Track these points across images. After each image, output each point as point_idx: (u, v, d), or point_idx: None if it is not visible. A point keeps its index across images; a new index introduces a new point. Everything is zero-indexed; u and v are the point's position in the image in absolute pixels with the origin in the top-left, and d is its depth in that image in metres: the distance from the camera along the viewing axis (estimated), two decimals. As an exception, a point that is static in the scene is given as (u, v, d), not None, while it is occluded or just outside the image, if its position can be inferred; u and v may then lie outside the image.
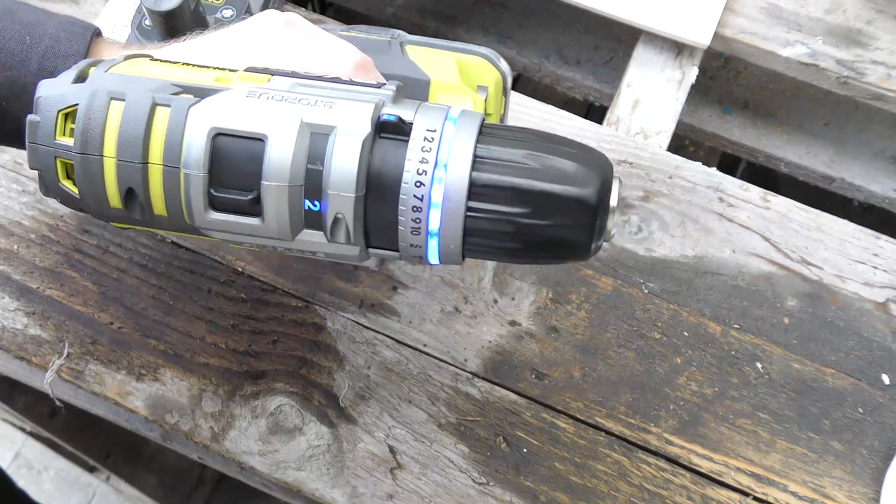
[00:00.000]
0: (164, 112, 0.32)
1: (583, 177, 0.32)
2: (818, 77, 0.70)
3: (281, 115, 0.32)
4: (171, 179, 0.32)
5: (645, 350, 0.55)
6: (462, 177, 0.31)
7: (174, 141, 0.32)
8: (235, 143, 0.32)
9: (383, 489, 0.52)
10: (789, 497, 0.52)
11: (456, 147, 0.32)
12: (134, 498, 1.33)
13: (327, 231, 0.33)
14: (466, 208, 0.32)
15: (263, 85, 0.33)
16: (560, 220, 0.32)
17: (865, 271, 0.58)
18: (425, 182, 0.32)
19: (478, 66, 0.47)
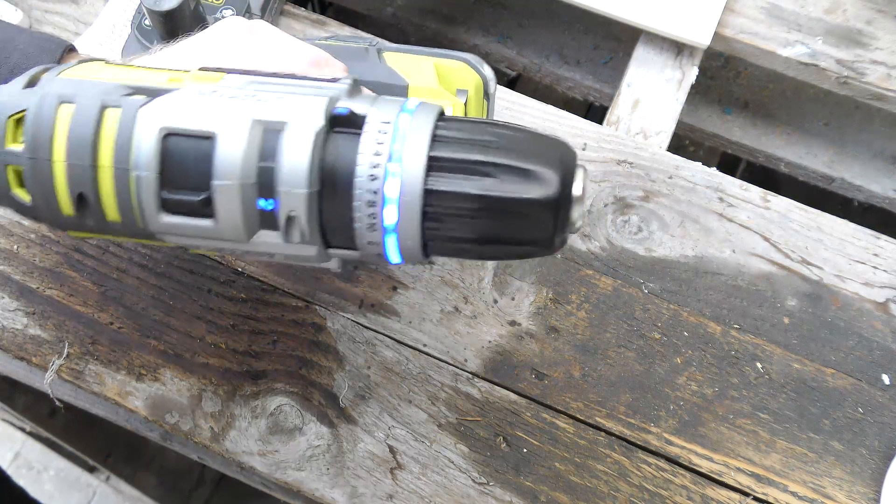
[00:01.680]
0: (114, 113, 0.32)
1: (543, 169, 0.31)
2: (818, 77, 0.70)
3: (231, 113, 0.31)
4: (121, 182, 0.32)
5: (645, 350, 0.55)
6: (417, 170, 0.30)
7: (124, 142, 0.31)
8: (185, 142, 0.31)
9: (383, 489, 0.52)
10: (789, 497, 0.52)
11: (410, 139, 0.30)
12: (134, 498, 1.33)
13: (282, 231, 0.32)
14: (423, 203, 0.31)
15: (215, 84, 0.32)
16: (520, 215, 0.31)
17: (865, 271, 0.58)
18: (379, 175, 0.30)
19: (457, 69, 0.46)
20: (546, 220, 0.31)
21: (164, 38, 0.50)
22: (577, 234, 0.34)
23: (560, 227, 0.32)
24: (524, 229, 0.31)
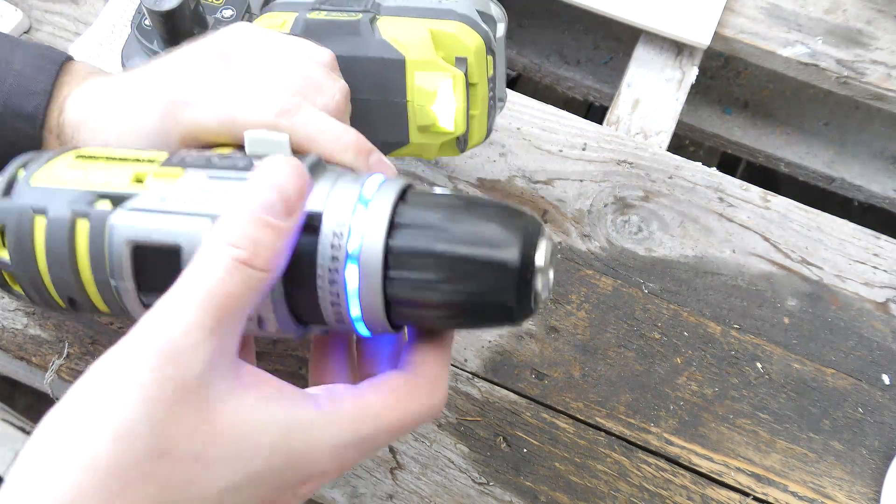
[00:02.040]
0: (83, 225, 0.34)
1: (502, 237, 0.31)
2: (818, 77, 0.70)
3: (191, 226, 0.32)
4: (105, 288, 0.34)
5: (645, 350, 0.55)
6: (375, 264, 0.31)
7: (98, 255, 0.33)
8: (155, 252, 0.32)
9: (383, 489, 0.52)
10: (789, 497, 0.52)
11: (368, 239, 0.31)
12: (134, 498, 1.33)
13: (256, 325, 0.33)
14: (384, 295, 0.31)
15: (175, 185, 0.33)
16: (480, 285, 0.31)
17: (865, 271, 0.58)
18: (337, 279, 0.31)
19: (455, 34, 0.45)
20: (506, 291, 0.31)
21: (164, 38, 0.50)
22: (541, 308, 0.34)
23: (523, 298, 0.32)
24: (486, 303, 0.32)
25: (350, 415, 0.30)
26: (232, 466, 0.27)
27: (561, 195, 0.60)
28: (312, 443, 0.29)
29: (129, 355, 0.26)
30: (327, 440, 0.29)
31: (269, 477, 0.28)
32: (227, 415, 0.27)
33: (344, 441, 0.30)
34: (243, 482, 0.28)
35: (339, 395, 0.31)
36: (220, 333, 0.28)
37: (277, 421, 0.28)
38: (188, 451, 0.26)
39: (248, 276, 0.28)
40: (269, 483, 0.28)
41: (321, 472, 0.30)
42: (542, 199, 0.60)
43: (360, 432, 0.30)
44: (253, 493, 0.28)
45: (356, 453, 0.30)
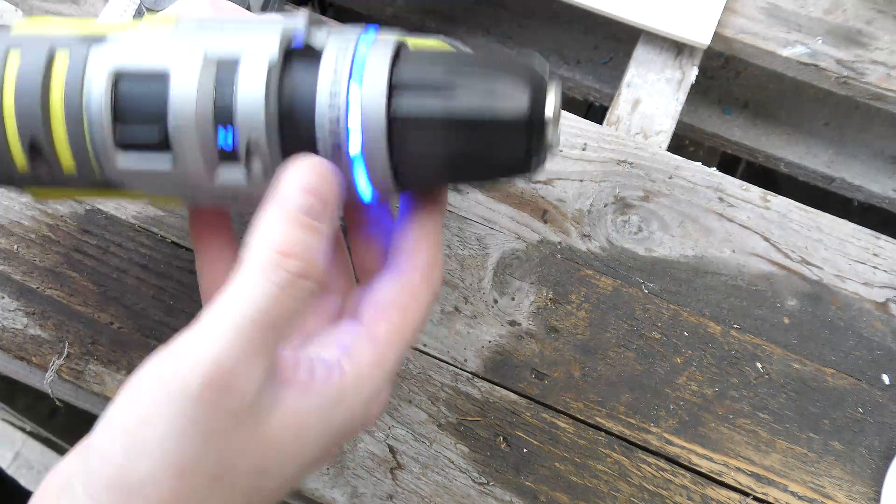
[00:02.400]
0: (63, 55, 0.31)
1: (510, 89, 0.29)
2: (818, 77, 0.70)
3: (183, 50, 0.30)
4: (74, 125, 0.31)
5: (645, 350, 0.55)
6: (378, 95, 0.29)
7: (75, 84, 0.30)
8: (139, 82, 0.30)
9: (383, 489, 0.52)
10: (789, 497, 0.52)
11: (370, 64, 0.29)
12: (134, 498, 1.33)
13: (243, 164, 0.30)
14: (387, 127, 0.29)
15: (169, 26, 0.31)
16: (490, 139, 0.30)
17: (865, 271, 0.58)
18: (339, 104, 0.29)
19: None
20: (519, 136, 0.30)
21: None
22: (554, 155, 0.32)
23: (536, 147, 0.30)
24: (496, 148, 0.30)
25: (372, 364, 0.30)
26: (288, 464, 0.28)
27: (561, 195, 0.60)
28: (350, 410, 0.30)
29: (180, 385, 0.26)
30: (362, 399, 0.30)
31: (323, 453, 0.30)
32: (276, 424, 0.27)
33: (375, 389, 0.30)
34: (299, 472, 0.29)
35: (355, 349, 0.30)
36: (269, 353, 0.27)
37: (315, 408, 0.28)
38: (244, 466, 0.27)
39: (302, 289, 0.27)
40: (323, 457, 0.31)
41: (369, 421, 0.32)
42: (542, 199, 0.60)
43: (387, 372, 0.31)
44: (308, 472, 0.31)
45: (390, 386, 0.32)
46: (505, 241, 0.58)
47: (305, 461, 0.29)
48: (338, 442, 0.31)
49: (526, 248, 0.58)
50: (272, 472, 0.28)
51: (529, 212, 0.59)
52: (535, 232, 0.58)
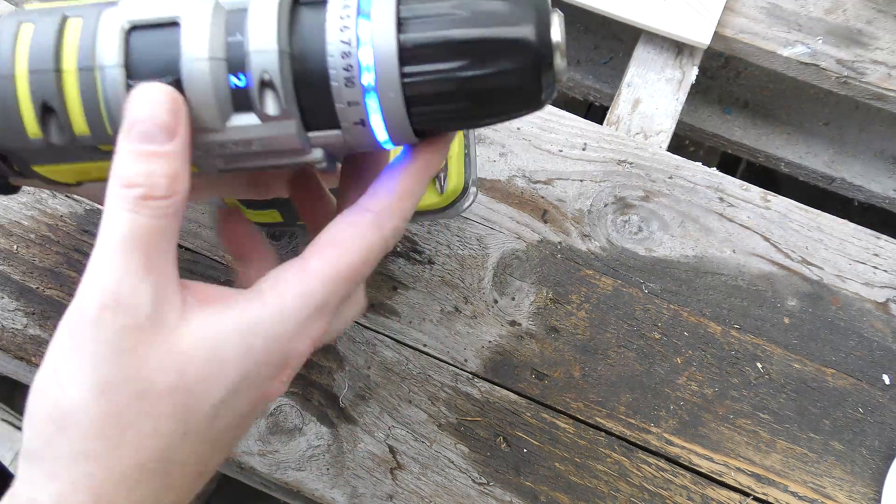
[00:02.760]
0: (76, 22, 0.31)
1: (516, 14, 0.30)
2: (818, 77, 0.70)
3: (190, 2, 0.30)
4: (87, 82, 0.31)
5: (645, 350, 0.55)
6: (388, 29, 0.30)
7: (88, 41, 0.31)
8: (151, 33, 0.30)
9: (383, 489, 0.52)
10: (789, 497, 0.51)
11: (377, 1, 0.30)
12: (134, 498, 1.33)
13: (257, 102, 0.30)
14: (400, 65, 0.30)
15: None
16: (501, 66, 0.30)
17: (865, 271, 0.58)
18: (350, 40, 0.30)
19: None
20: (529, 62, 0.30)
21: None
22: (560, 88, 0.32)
23: (546, 73, 0.31)
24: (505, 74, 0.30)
25: (297, 294, 0.30)
26: (210, 386, 0.29)
27: (561, 195, 0.60)
28: (271, 337, 0.30)
29: (81, 315, 0.28)
30: (285, 328, 0.30)
31: (248, 380, 0.30)
32: (188, 340, 0.29)
33: (300, 321, 0.30)
34: (227, 395, 0.29)
35: (281, 279, 0.31)
36: (153, 268, 0.29)
37: (232, 330, 0.30)
38: (165, 384, 0.28)
39: (154, 208, 0.29)
40: (250, 385, 0.30)
41: (296, 354, 0.31)
42: (542, 199, 0.60)
43: (313, 304, 0.30)
44: (241, 399, 0.30)
45: (320, 321, 0.31)
46: (505, 241, 0.58)
47: (229, 385, 0.29)
48: (263, 373, 0.30)
49: (526, 248, 0.58)
50: (197, 394, 0.29)
51: (529, 212, 0.59)
52: (535, 232, 0.58)
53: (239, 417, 0.31)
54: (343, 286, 0.31)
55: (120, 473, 0.28)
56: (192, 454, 0.29)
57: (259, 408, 0.32)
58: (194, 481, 0.30)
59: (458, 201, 0.51)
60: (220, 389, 0.29)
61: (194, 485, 0.30)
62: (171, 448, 0.29)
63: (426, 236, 0.58)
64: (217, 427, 0.30)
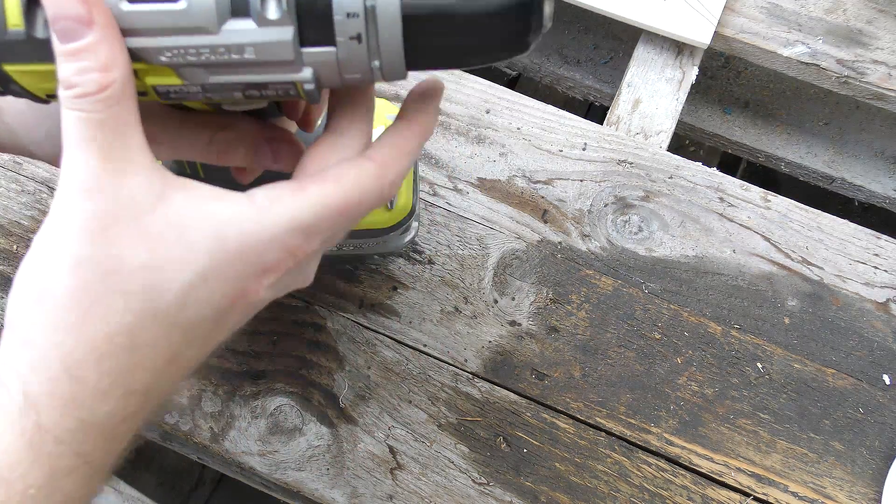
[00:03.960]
0: None
1: None
2: (818, 77, 0.70)
3: None
4: None
5: (645, 350, 0.55)
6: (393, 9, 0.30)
7: None
8: None
9: (383, 489, 0.52)
10: (790, 497, 0.51)
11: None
12: (133, 498, 1.33)
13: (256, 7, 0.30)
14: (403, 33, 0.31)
15: None
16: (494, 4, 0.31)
17: (866, 271, 0.58)
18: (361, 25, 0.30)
19: (384, 100, 0.48)
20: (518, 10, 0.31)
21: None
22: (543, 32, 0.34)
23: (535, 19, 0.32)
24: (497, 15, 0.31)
25: (287, 204, 0.31)
26: (179, 267, 0.30)
27: (561, 195, 0.60)
28: (248, 234, 0.30)
29: (55, 207, 0.30)
30: (264, 231, 0.31)
31: (220, 272, 0.30)
32: (160, 222, 0.30)
33: (280, 232, 0.31)
34: (196, 280, 0.30)
35: (277, 191, 0.31)
36: (112, 157, 0.30)
37: (208, 218, 0.30)
38: (134, 262, 0.29)
39: (97, 100, 0.30)
40: (223, 277, 0.30)
41: (274, 261, 0.31)
42: (542, 198, 0.59)
43: (298, 223, 0.31)
44: (212, 289, 0.30)
45: (301, 241, 0.31)
46: (505, 241, 0.58)
47: (198, 269, 0.30)
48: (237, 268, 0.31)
49: (526, 248, 0.58)
50: (165, 273, 0.30)
51: (529, 212, 0.59)
52: (535, 232, 0.58)
53: (213, 310, 0.31)
54: (333, 220, 0.32)
55: (88, 344, 0.29)
56: (162, 337, 0.30)
57: (239, 308, 0.32)
58: (165, 366, 0.31)
59: (402, 225, 0.51)
60: (188, 272, 0.30)
61: (166, 371, 0.31)
62: (139, 326, 0.29)
63: (426, 236, 0.58)
64: (188, 314, 0.30)
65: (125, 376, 0.30)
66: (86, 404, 0.29)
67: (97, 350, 0.29)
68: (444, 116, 0.62)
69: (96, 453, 0.30)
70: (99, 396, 0.29)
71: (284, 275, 0.32)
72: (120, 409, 0.30)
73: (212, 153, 0.38)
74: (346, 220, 0.32)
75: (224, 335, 0.33)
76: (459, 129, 0.62)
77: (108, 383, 0.29)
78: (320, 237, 0.32)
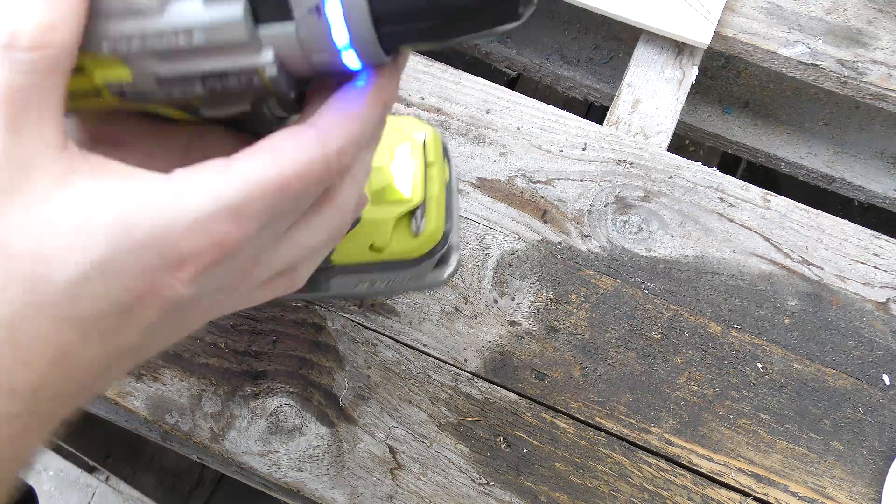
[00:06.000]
0: None
1: None
2: (818, 77, 0.70)
3: None
4: None
5: (645, 350, 0.55)
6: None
7: None
8: None
9: (383, 489, 0.52)
10: (790, 497, 0.51)
11: None
12: (133, 498, 1.33)
13: None
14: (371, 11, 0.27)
15: None
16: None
17: (866, 271, 0.58)
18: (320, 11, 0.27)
19: (411, 118, 0.45)
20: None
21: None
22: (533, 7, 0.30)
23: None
24: None
25: (209, 183, 0.27)
26: (71, 256, 0.26)
27: (561, 195, 0.60)
28: (160, 222, 0.27)
29: None
30: (182, 214, 0.27)
31: (123, 262, 0.27)
32: (57, 206, 0.26)
33: (200, 216, 0.27)
34: (91, 272, 0.26)
35: (197, 169, 0.28)
36: (20, 128, 0.26)
37: (113, 201, 0.27)
38: (23, 247, 0.26)
39: (20, 62, 0.26)
40: (125, 269, 0.27)
41: (194, 251, 0.27)
42: (542, 199, 0.59)
43: (222, 204, 0.27)
44: (110, 282, 0.27)
45: (228, 225, 0.27)
46: (505, 241, 0.58)
47: (94, 259, 0.26)
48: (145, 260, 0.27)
49: (526, 248, 0.58)
50: (54, 262, 0.26)
51: (529, 212, 0.59)
52: (535, 232, 0.58)
53: (113, 305, 0.27)
54: (269, 200, 0.27)
55: None
56: (50, 331, 0.27)
57: (150, 304, 0.28)
58: (56, 364, 0.27)
59: (434, 254, 0.47)
60: (81, 262, 0.26)
61: (58, 369, 0.27)
62: (20, 317, 0.26)
63: (426, 236, 0.58)
64: (80, 308, 0.27)
65: (6, 374, 0.26)
66: None
67: None
68: (444, 116, 0.62)
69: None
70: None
71: (213, 267, 0.28)
72: (2, 410, 0.26)
73: (186, 162, 0.33)
74: (288, 199, 0.28)
75: (137, 335, 0.28)
76: (459, 129, 0.62)
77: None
78: (256, 222, 0.27)
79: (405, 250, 0.46)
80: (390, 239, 0.45)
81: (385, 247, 0.46)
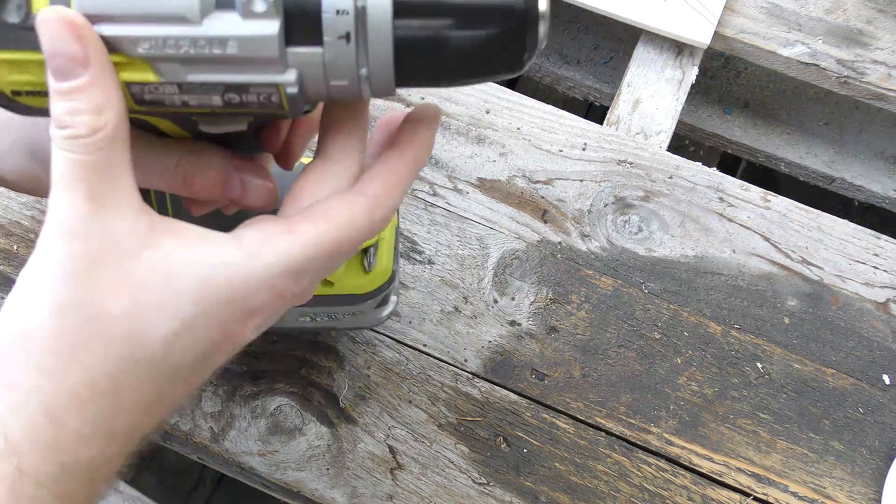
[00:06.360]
0: None
1: None
2: (818, 77, 0.70)
3: None
4: None
5: (645, 350, 0.55)
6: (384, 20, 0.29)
7: None
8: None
9: (383, 489, 0.52)
10: (790, 497, 0.51)
11: None
12: (133, 498, 1.33)
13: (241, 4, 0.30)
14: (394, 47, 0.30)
15: None
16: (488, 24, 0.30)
17: (866, 271, 0.58)
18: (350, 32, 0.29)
19: None
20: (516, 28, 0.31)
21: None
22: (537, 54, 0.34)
23: (530, 41, 0.31)
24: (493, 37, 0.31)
25: (276, 248, 0.31)
26: (163, 314, 0.29)
27: (561, 195, 0.60)
28: (237, 280, 0.30)
29: (40, 247, 0.30)
30: (253, 276, 0.30)
31: (206, 318, 0.30)
32: (145, 268, 0.29)
33: (271, 275, 0.30)
34: (181, 328, 0.30)
35: (264, 231, 0.31)
36: (98, 199, 0.29)
37: (195, 264, 0.30)
38: (118, 309, 0.29)
39: (87, 143, 0.29)
40: (208, 323, 0.30)
41: (262, 304, 0.31)
42: (542, 198, 0.59)
43: (289, 265, 0.31)
44: (196, 335, 0.30)
45: (291, 283, 0.31)
46: (505, 241, 0.58)
47: (183, 317, 0.30)
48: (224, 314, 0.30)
49: (526, 248, 0.58)
50: (148, 320, 0.29)
51: (529, 212, 0.59)
52: (535, 232, 0.58)
53: (197, 354, 0.31)
54: (323, 260, 0.31)
55: (69, 390, 0.29)
56: (146, 382, 0.30)
57: (224, 349, 0.32)
58: (148, 409, 0.31)
59: (380, 293, 0.49)
60: (172, 320, 0.29)
61: (150, 413, 0.31)
62: (121, 372, 0.29)
63: (426, 236, 0.58)
64: (172, 360, 0.30)
65: (107, 421, 0.30)
66: (67, 449, 0.29)
67: (78, 396, 0.29)
68: (444, 116, 0.62)
69: (77, 495, 0.30)
70: (81, 441, 0.29)
71: (273, 314, 0.32)
72: (102, 453, 0.30)
73: (177, 178, 0.36)
74: (336, 258, 0.32)
75: (208, 374, 0.33)
76: (459, 129, 0.62)
77: (91, 429, 0.29)
78: (309, 277, 0.32)
79: (356, 286, 0.49)
80: (343, 273, 0.48)
81: (337, 281, 0.48)
